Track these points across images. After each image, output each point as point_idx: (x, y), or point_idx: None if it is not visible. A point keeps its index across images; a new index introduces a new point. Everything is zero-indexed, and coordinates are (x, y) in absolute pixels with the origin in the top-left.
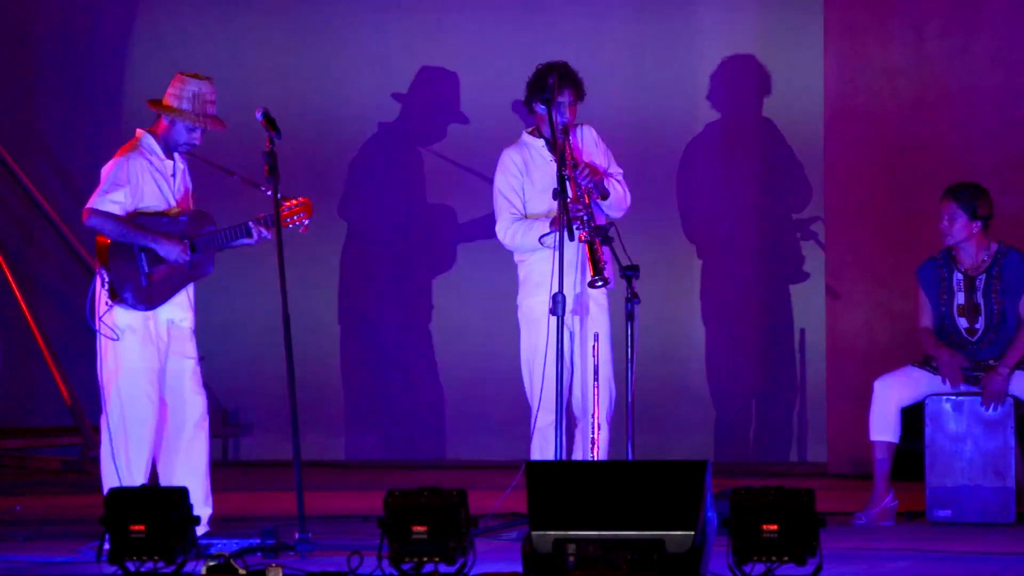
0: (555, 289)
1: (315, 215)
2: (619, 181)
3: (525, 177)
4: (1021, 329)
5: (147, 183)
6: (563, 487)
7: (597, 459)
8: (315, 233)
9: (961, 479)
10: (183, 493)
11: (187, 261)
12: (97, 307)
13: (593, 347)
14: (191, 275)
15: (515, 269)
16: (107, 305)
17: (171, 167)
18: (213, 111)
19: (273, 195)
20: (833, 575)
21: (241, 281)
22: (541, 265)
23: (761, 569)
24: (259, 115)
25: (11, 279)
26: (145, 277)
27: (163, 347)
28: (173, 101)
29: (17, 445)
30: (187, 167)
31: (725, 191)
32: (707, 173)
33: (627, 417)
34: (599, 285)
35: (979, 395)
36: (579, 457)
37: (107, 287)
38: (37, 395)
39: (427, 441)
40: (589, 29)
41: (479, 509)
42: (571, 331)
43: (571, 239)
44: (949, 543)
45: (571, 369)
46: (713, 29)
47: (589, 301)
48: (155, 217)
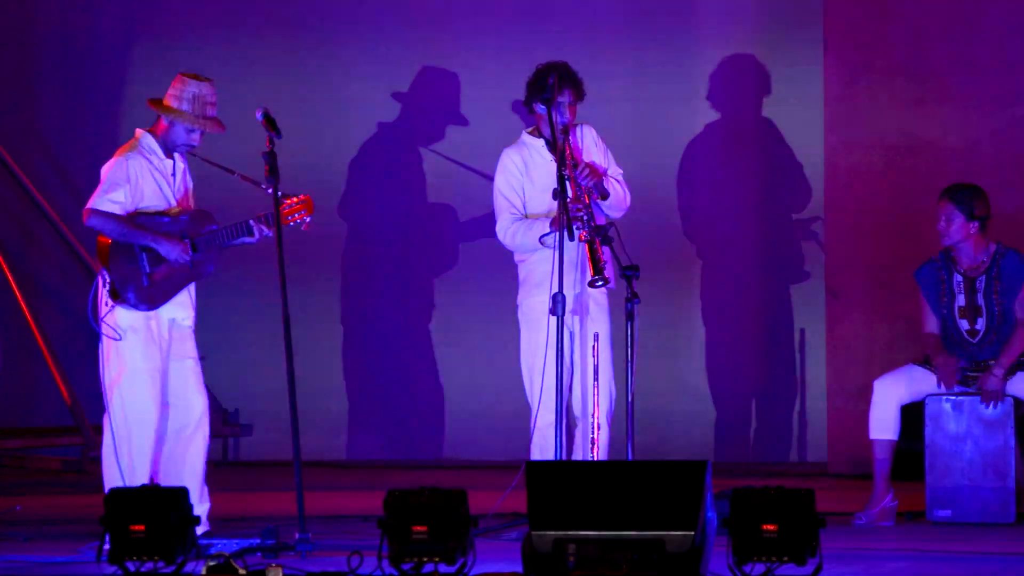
0: (555, 289)
1: (316, 214)
2: (619, 181)
3: (525, 177)
4: (1017, 330)
5: (147, 183)
6: (563, 487)
7: (597, 459)
8: (316, 233)
9: (961, 479)
10: (183, 493)
11: (188, 261)
12: (99, 308)
13: (593, 347)
14: (193, 274)
15: (515, 269)
16: (109, 306)
17: (171, 166)
18: (213, 113)
19: (273, 195)
20: (833, 575)
21: (241, 281)
22: (541, 265)
23: (761, 569)
24: (259, 115)
25: (11, 279)
26: (147, 277)
27: (165, 347)
28: (173, 102)
29: (17, 445)
30: (187, 166)
31: (725, 191)
32: (707, 173)
33: (627, 417)
34: (599, 285)
35: (979, 395)
36: (579, 457)
37: (108, 287)
38: (37, 395)
39: (427, 441)
40: (589, 29)
41: (479, 509)
42: (571, 331)
43: (571, 239)
44: (949, 543)
45: (571, 369)
46: (713, 29)
47: (589, 301)
48: (156, 217)
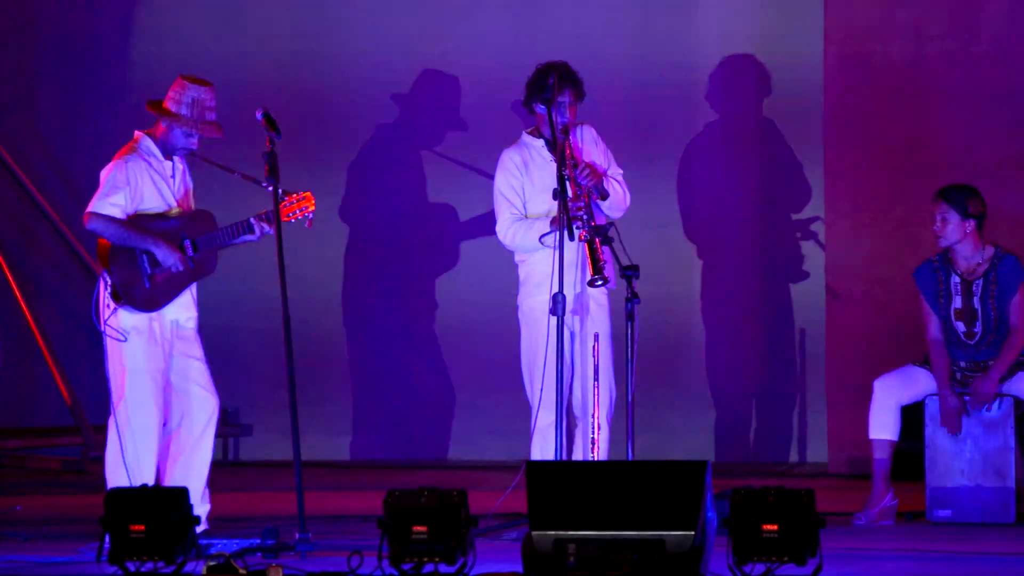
0: (555, 289)
1: (318, 215)
2: (619, 181)
3: (525, 177)
4: (1011, 336)
5: (146, 185)
6: (563, 487)
7: (597, 459)
8: (317, 232)
9: (961, 479)
10: (183, 493)
11: (183, 268)
12: (102, 309)
13: (593, 347)
14: (194, 275)
15: (515, 269)
16: (111, 308)
17: (170, 168)
18: (212, 117)
19: (274, 195)
20: (833, 575)
21: (242, 281)
22: (541, 265)
23: (761, 569)
24: (259, 115)
25: (11, 279)
26: (148, 279)
27: (168, 348)
28: (172, 106)
29: (17, 445)
30: (187, 167)
31: (725, 191)
32: (707, 173)
33: (627, 417)
34: (599, 284)
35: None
36: (579, 457)
37: (110, 289)
38: (37, 395)
39: (428, 441)
40: (589, 29)
41: (479, 509)
42: (571, 331)
43: (571, 239)
44: (949, 543)
45: (571, 369)
46: (713, 29)
47: (589, 301)
48: (156, 218)
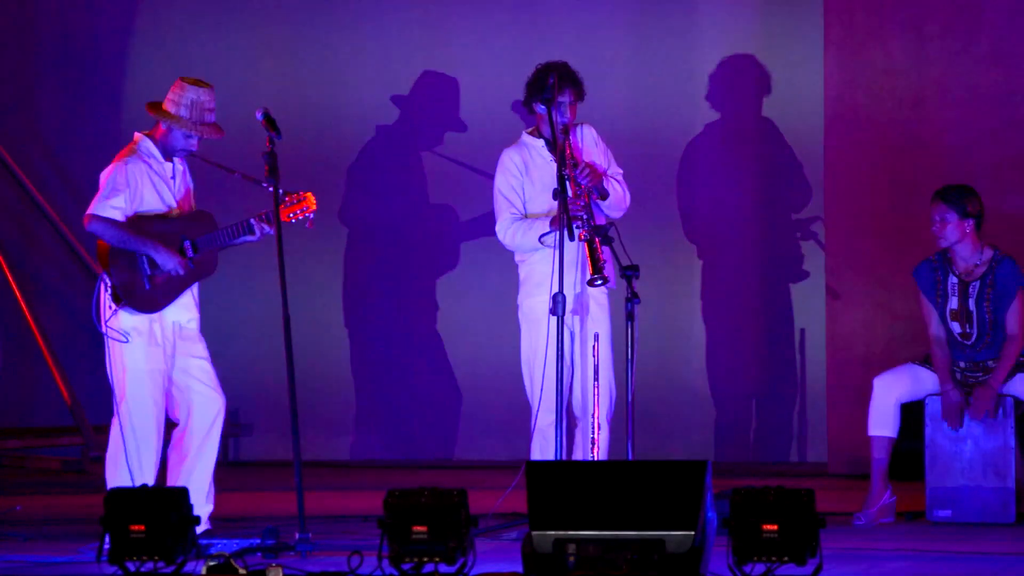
0: (555, 289)
1: (318, 215)
2: (619, 181)
3: (525, 177)
4: (1008, 344)
5: (146, 187)
6: (563, 487)
7: (597, 459)
8: (318, 233)
9: (961, 479)
10: (183, 493)
11: (183, 273)
12: (102, 311)
13: (593, 347)
14: (195, 275)
15: (516, 269)
16: (112, 309)
17: (170, 169)
18: (212, 119)
19: (274, 195)
20: (833, 575)
21: (243, 281)
22: (542, 265)
23: (761, 569)
24: (259, 115)
25: (11, 279)
26: (148, 280)
27: (169, 349)
28: (171, 107)
29: (17, 445)
30: (188, 167)
31: (725, 191)
32: (707, 173)
33: (627, 417)
34: (598, 284)
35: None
36: (579, 457)
37: (110, 291)
38: (37, 395)
39: (428, 441)
40: (589, 29)
41: (479, 509)
42: (571, 331)
43: (571, 239)
44: (949, 543)
45: (571, 369)
46: (713, 29)
47: (589, 301)
48: (156, 219)
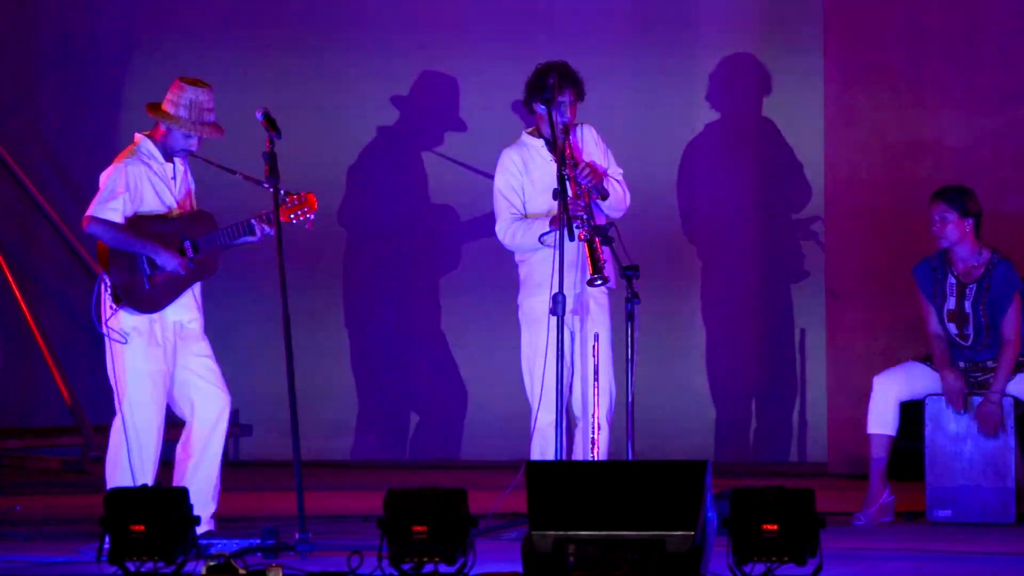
0: (555, 289)
1: (318, 215)
2: (619, 181)
3: (525, 177)
4: (1004, 350)
5: (146, 188)
6: (563, 487)
7: (597, 459)
8: (318, 233)
9: (961, 479)
10: (183, 493)
11: (183, 272)
12: (103, 311)
13: (593, 347)
14: (195, 276)
15: (516, 269)
16: (112, 309)
17: (171, 170)
18: (211, 118)
19: (274, 195)
20: (833, 575)
21: (243, 280)
22: (542, 265)
23: (761, 569)
24: (259, 115)
25: (11, 279)
26: (148, 280)
27: (170, 349)
28: (170, 108)
29: (17, 445)
30: (189, 167)
31: (725, 191)
32: (707, 173)
33: (627, 417)
34: (598, 284)
35: (980, 395)
36: (579, 457)
37: (110, 291)
38: (37, 395)
39: (428, 441)
40: (589, 29)
41: (479, 509)
42: (571, 331)
43: (571, 239)
44: (949, 543)
45: (571, 369)
46: (713, 29)
47: (589, 301)
48: (156, 220)
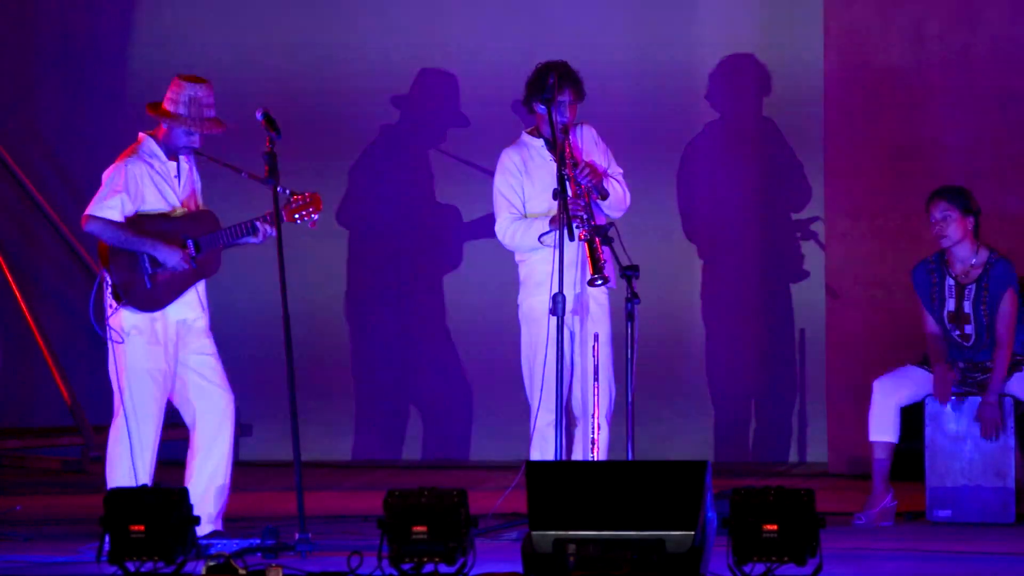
0: (555, 289)
1: (319, 215)
2: (619, 181)
3: (525, 177)
4: (998, 351)
5: (147, 187)
6: (563, 487)
7: (597, 459)
8: (318, 233)
9: (961, 479)
10: (183, 493)
11: (186, 267)
12: (105, 310)
13: (593, 347)
14: (197, 275)
15: (516, 269)
16: (113, 307)
17: (175, 168)
18: (211, 114)
19: (273, 195)
20: (833, 575)
21: (243, 280)
22: (542, 265)
23: (761, 569)
24: (259, 115)
25: (11, 279)
26: (149, 279)
27: (172, 348)
28: (170, 106)
29: (17, 445)
30: (195, 166)
31: (725, 191)
32: (707, 173)
33: (627, 417)
34: (599, 284)
35: (979, 395)
36: (579, 457)
37: (111, 290)
38: (37, 395)
39: (428, 441)
40: (589, 29)
41: (479, 509)
42: (571, 331)
43: (571, 239)
44: (949, 543)
45: (571, 369)
46: (713, 28)
47: (589, 301)
48: (158, 219)
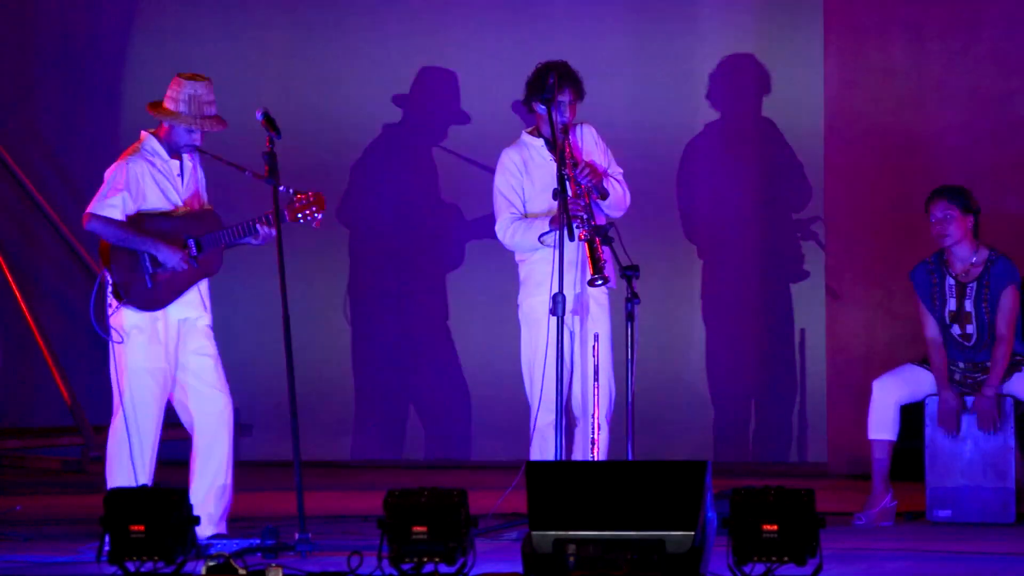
0: (555, 289)
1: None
2: (619, 181)
3: (525, 177)
4: (999, 346)
5: (148, 185)
6: (563, 487)
7: (597, 459)
8: (319, 232)
9: (961, 479)
10: (183, 493)
11: (185, 267)
12: (106, 309)
13: (593, 347)
14: (199, 274)
15: (516, 269)
16: (114, 307)
17: (177, 167)
18: (211, 111)
19: (274, 194)
20: (833, 575)
21: (244, 279)
22: (542, 265)
23: (761, 569)
24: (259, 115)
25: (11, 279)
26: (149, 278)
27: (172, 347)
28: (170, 104)
29: (17, 445)
30: (199, 164)
31: (725, 191)
32: (707, 173)
33: (627, 417)
34: (599, 284)
35: (977, 398)
36: (579, 457)
37: (112, 289)
38: (37, 395)
39: (428, 441)
40: (589, 29)
41: (479, 509)
42: (571, 331)
43: (571, 239)
44: (949, 543)
45: (571, 369)
46: (713, 29)
47: (589, 301)
48: (159, 218)
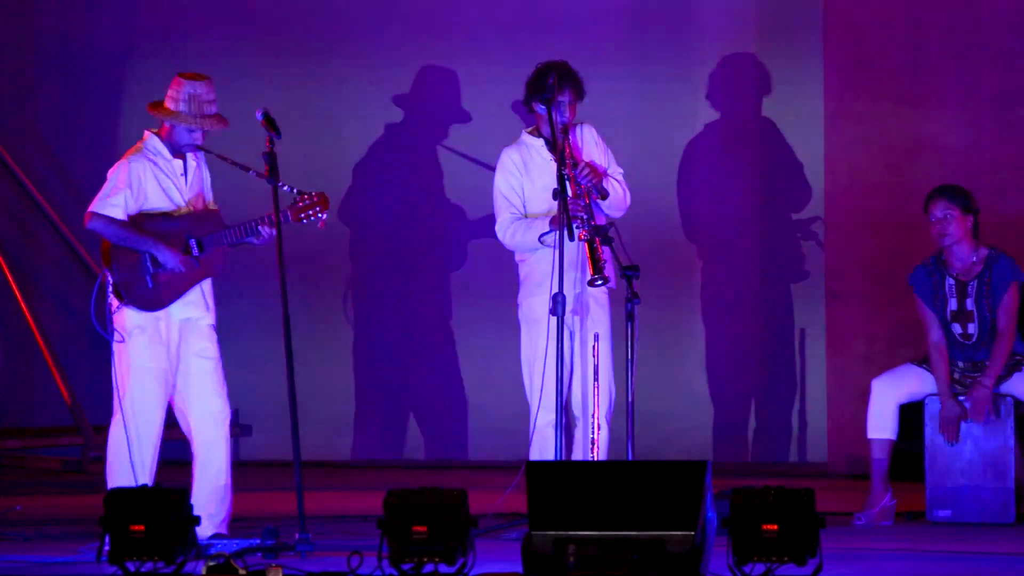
0: (555, 289)
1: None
2: (619, 181)
3: (525, 177)
4: (999, 340)
5: (150, 185)
6: (563, 487)
7: (597, 459)
8: (319, 232)
9: (961, 479)
10: (183, 493)
11: (184, 269)
12: (107, 308)
13: (593, 347)
14: (200, 274)
15: (516, 269)
16: (115, 306)
17: (180, 166)
18: (212, 110)
19: (274, 195)
20: (833, 575)
21: (244, 279)
22: (542, 265)
23: (761, 569)
24: (259, 115)
25: (11, 279)
26: (151, 278)
27: (174, 348)
28: (171, 104)
29: (17, 445)
30: (203, 164)
31: (725, 191)
32: (707, 173)
33: (627, 417)
34: (599, 284)
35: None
36: (579, 457)
37: (113, 288)
38: (37, 395)
39: (428, 441)
40: (589, 29)
41: (479, 509)
42: (571, 331)
43: (571, 239)
44: (949, 543)
45: (571, 369)
46: (713, 29)
47: (589, 301)
48: (161, 217)
